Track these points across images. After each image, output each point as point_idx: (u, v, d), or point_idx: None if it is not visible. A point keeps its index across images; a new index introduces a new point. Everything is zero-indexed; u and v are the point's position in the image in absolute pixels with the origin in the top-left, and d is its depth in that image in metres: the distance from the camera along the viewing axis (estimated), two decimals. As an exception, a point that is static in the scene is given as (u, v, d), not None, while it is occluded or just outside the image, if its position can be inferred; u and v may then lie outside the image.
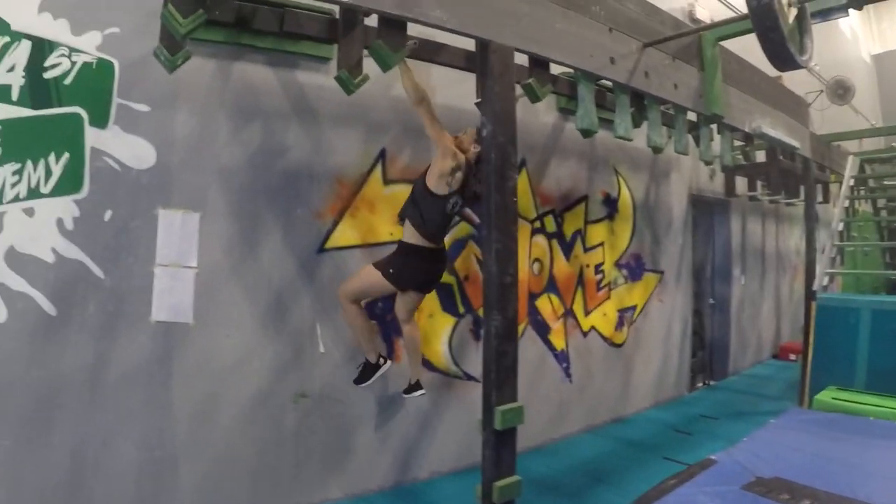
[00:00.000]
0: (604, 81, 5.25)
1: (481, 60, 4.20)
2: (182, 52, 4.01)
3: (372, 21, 4.38)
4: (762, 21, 4.45)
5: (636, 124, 5.74)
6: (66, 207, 4.29)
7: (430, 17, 3.78)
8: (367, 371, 5.07)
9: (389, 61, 4.10)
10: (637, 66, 5.25)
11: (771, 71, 5.57)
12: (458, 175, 4.67)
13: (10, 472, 4.11)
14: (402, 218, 4.98)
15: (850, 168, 10.11)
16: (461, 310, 6.30)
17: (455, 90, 5.83)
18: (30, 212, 4.18)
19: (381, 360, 5.10)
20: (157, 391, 4.59)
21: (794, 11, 4.78)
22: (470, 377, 6.34)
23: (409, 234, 4.81)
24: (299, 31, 4.56)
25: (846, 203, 9.59)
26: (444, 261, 5.15)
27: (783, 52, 4.60)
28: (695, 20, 9.20)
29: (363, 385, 5.11)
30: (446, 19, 3.83)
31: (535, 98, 5.13)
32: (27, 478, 4.15)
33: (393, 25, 4.08)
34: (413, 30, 4.16)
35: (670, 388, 9.23)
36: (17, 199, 4.13)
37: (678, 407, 8.82)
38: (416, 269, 4.86)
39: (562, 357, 7.35)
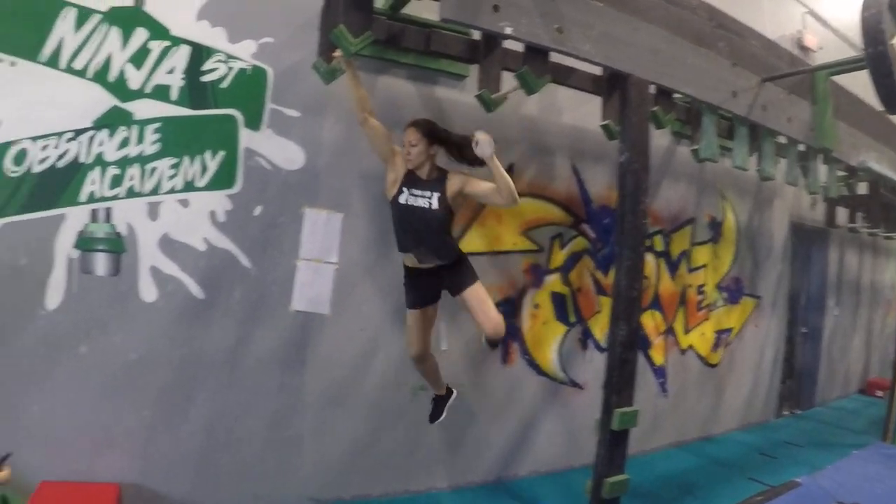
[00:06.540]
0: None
1: (621, 92, 4.32)
2: (339, 67, 4.06)
3: (509, 44, 4.42)
4: (878, 68, 4.54)
5: (749, 154, 5.72)
6: (219, 201, 4.34)
7: (579, 51, 3.96)
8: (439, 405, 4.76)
9: (535, 86, 4.24)
10: (756, 100, 5.25)
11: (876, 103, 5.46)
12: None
13: (146, 441, 4.19)
14: None
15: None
16: (572, 318, 6.17)
17: (579, 111, 5.86)
18: (185, 203, 4.23)
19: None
20: (291, 375, 4.64)
21: (905, 58, 4.83)
22: (575, 384, 6.24)
23: None
24: (444, 50, 4.66)
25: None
26: None
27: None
28: (803, 47, 8.69)
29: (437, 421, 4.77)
30: (594, 53, 3.99)
31: (659, 125, 5.11)
32: (161, 447, 4.23)
33: (538, 53, 4.18)
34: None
35: (758, 413, 8.80)
36: (172, 191, 4.18)
37: (764, 431, 8.41)
38: None
39: (660, 372, 7.10)
